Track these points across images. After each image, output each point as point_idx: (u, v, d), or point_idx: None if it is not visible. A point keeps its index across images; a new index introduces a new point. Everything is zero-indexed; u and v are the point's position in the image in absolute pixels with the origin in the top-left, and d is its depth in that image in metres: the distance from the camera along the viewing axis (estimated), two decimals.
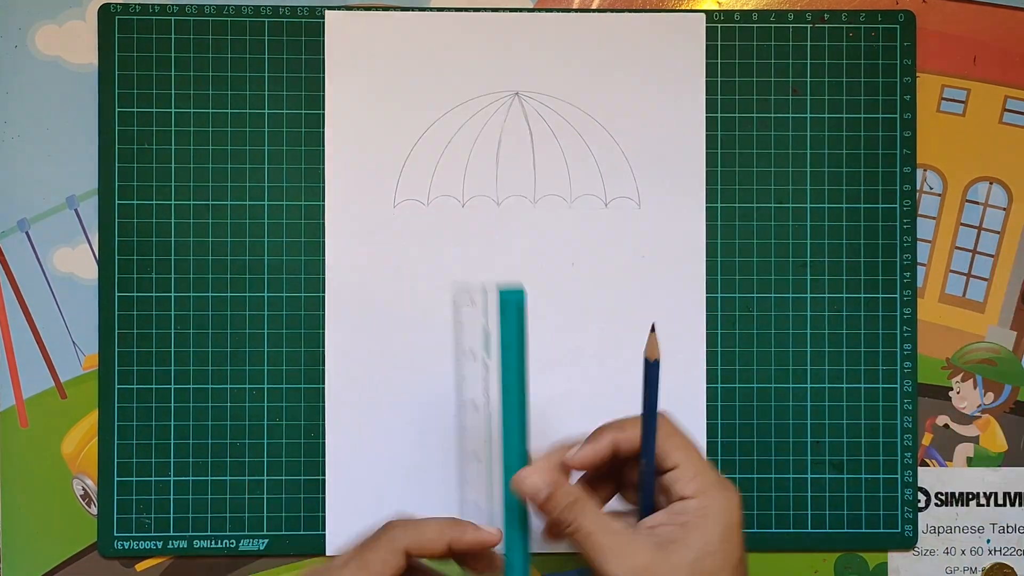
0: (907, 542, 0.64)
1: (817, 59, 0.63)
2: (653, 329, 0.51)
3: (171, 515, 0.62)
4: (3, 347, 0.63)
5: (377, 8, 0.63)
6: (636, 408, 0.64)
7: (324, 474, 0.63)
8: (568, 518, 0.50)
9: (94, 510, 0.63)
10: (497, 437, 0.54)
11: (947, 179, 0.64)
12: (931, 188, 0.64)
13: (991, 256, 0.65)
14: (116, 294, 0.62)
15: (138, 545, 0.62)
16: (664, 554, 0.49)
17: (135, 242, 0.62)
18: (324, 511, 0.63)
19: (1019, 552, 0.64)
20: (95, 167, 0.63)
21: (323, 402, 0.63)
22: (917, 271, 0.64)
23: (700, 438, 0.63)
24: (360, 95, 0.63)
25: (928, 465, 0.64)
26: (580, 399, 0.63)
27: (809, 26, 0.63)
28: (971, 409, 0.65)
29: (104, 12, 0.62)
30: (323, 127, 0.63)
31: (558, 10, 0.63)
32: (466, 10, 0.63)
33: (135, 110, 0.62)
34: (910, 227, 0.64)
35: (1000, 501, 0.64)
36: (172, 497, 0.62)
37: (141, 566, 0.63)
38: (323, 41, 0.63)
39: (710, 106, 0.63)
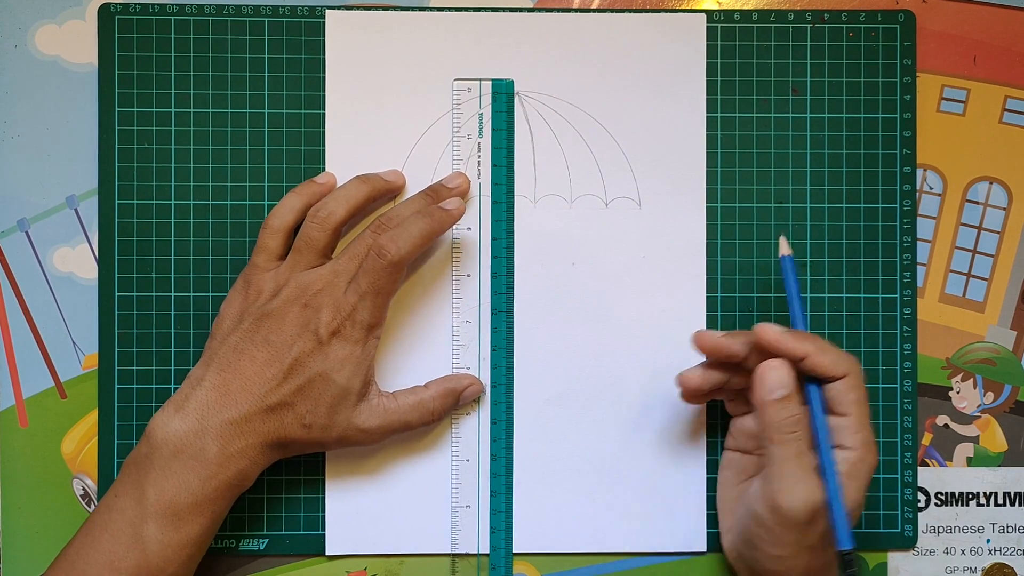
0: (907, 542, 0.64)
1: (817, 59, 0.63)
2: (783, 235, 0.60)
3: None
4: (3, 347, 0.63)
5: (377, 8, 0.63)
6: (636, 408, 0.64)
7: (324, 474, 0.63)
8: (795, 428, 0.54)
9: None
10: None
11: (947, 179, 0.64)
12: (931, 188, 0.64)
13: (991, 256, 0.65)
14: (116, 294, 0.62)
15: None
16: (824, 500, 0.54)
17: (135, 242, 0.62)
18: (324, 511, 0.63)
19: (1019, 552, 0.64)
20: (95, 167, 0.63)
21: None
22: (917, 271, 0.64)
23: (701, 436, 0.63)
24: (360, 95, 0.63)
25: (928, 465, 0.64)
26: (580, 399, 0.63)
27: (809, 26, 0.63)
28: (971, 409, 0.65)
29: (104, 12, 0.62)
30: (323, 127, 0.63)
31: (558, 10, 0.63)
32: (466, 10, 0.63)
33: (135, 110, 0.62)
34: (910, 227, 0.64)
35: (1000, 501, 0.64)
36: None
37: None
38: (323, 41, 0.63)
39: (710, 106, 0.63)
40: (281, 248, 0.59)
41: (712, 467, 0.63)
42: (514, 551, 0.63)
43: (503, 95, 0.63)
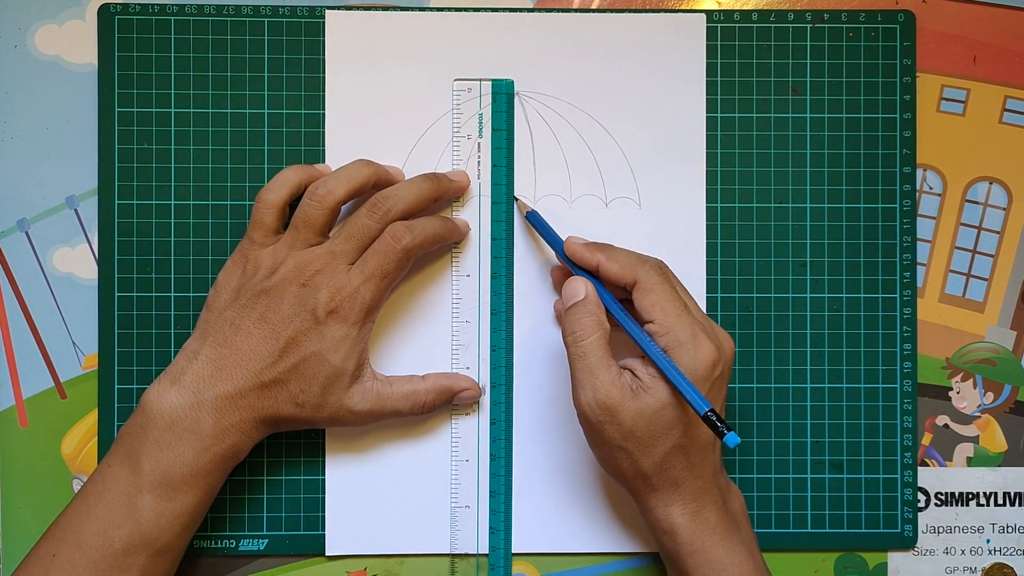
0: (907, 542, 0.64)
1: (817, 59, 0.63)
2: (516, 198, 0.62)
3: None
4: (3, 347, 0.63)
5: (377, 8, 0.63)
6: None
7: (324, 474, 0.63)
8: (581, 331, 0.56)
9: None
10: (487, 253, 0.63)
11: (947, 179, 0.64)
12: (931, 188, 0.64)
13: (991, 256, 0.65)
14: (116, 294, 0.62)
15: None
16: (632, 399, 0.55)
17: (135, 242, 0.62)
18: (324, 511, 0.63)
19: (1019, 552, 0.64)
20: (95, 167, 0.63)
21: None
22: (917, 271, 0.64)
23: None
24: (360, 95, 0.63)
25: (928, 465, 0.65)
26: None
27: (809, 26, 0.63)
28: (971, 409, 0.65)
29: (104, 12, 0.62)
30: (323, 127, 0.63)
31: (558, 10, 0.63)
32: (466, 10, 0.63)
33: (135, 110, 0.62)
34: (910, 227, 0.64)
35: (1000, 501, 0.64)
36: None
37: None
38: (323, 41, 0.63)
39: (710, 106, 0.63)
40: (277, 223, 0.59)
41: None
42: (513, 551, 0.63)
43: (503, 95, 0.63)
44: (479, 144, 0.63)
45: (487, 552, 0.63)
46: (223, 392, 0.56)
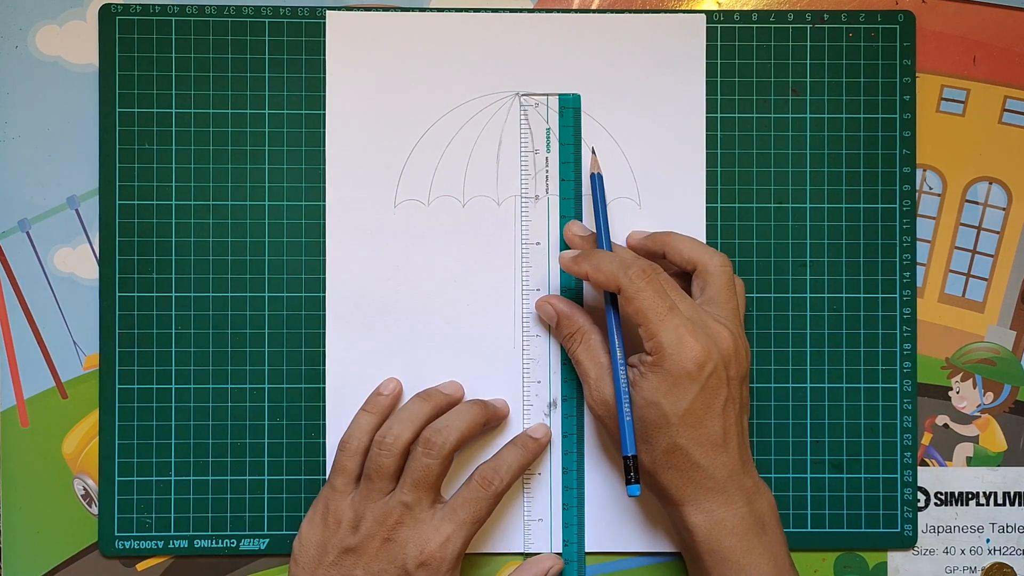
0: (907, 542, 0.64)
1: (817, 59, 0.63)
2: (593, 152, 0.62)
3: (172, 515, 0.62)
4: (4, 347, 0.63)
5: (377, 8, 0.63)
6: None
7: (324, 474, 0.63)
8: (568, 345, 0.60)
9: (95, 510, 0.63)
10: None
11: (947, 179, 0.64)
12: (931, 188, 0.64)
13: (991, 256, 0.65)
14: (116, 294, 0.62)
15: (139, 545, 0.62)
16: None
17: (135, 242, 0.63)
18: None
19: (1019, 552, 0.64)
20: (95, 167, 0.63)
21: (323, 402, 0.63)
22: (917, 271, 0.64)
23: None
24: (360, 95, 0.63)
25: (928, 465, 0.65)
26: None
27: (809, 26, 0.64)
28: (971, 409, 0.65)
29: (104, 12, 0.63)
30: (323, 127, 0.63)
31: (558, 10, 0.63)
32: (466, 10, 0.63)
33: (135, 110, 0.63)
34: (910, 227, 0.64)
35: (1000, 501, 0.64)
36: (173, 497, 0.62)
37: (142, 566, 0.63)
38: (323, 41, 0.63)
39: (710, 106, 0.63)
40: (358, 469, 0.59)
41: None
42: (511, 551, 0.63)
43: (570, 109, 0.63)
44: (547, 159, 0.63)
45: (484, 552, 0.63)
46: None
